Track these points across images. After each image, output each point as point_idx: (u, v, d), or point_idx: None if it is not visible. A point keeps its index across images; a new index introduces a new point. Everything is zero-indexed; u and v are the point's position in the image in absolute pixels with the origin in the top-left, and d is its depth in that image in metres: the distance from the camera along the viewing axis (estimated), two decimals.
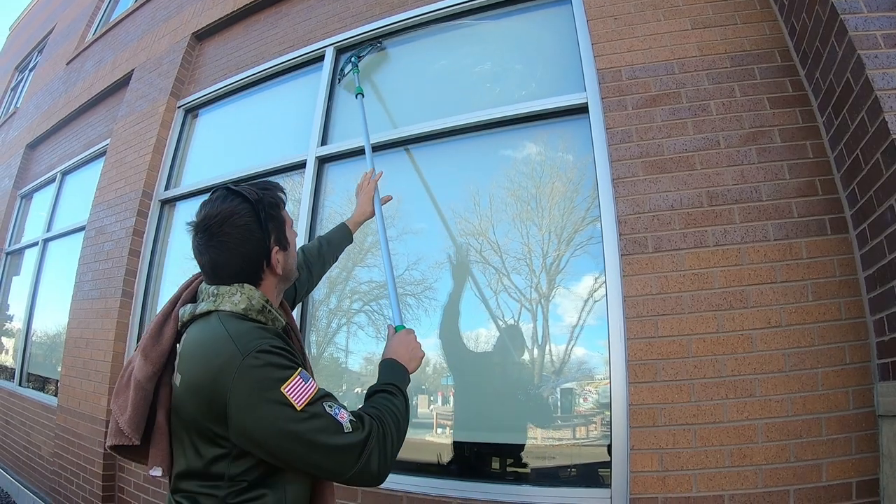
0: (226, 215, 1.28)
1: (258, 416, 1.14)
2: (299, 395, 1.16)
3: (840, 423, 2.01)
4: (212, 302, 1.29)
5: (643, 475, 2.09)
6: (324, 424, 1.17)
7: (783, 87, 2.45)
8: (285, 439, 1.15)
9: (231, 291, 1.30)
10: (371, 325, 3.16)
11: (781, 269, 2.20)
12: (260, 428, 1.14)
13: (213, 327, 1.25)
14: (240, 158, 4.15)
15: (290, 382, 1.16)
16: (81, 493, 4.04)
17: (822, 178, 2.28)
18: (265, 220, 1.33)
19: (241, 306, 1.28)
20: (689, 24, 2.66)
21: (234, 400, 1.14)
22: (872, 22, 2.04)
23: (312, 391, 1.19)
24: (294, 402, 1.14)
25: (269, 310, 1.33)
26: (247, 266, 1.32)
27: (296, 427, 1.14)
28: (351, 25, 3.85)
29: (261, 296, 1.32)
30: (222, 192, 1.34)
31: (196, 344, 1.26)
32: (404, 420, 1.40)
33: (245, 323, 1.26)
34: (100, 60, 6.46)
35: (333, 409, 1.20)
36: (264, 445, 1.16)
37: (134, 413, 1.27)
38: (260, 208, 1.32)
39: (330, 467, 1.19)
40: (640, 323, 2.25)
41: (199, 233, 1.30)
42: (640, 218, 2.38)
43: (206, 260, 1.32)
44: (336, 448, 1.18)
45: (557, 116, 2.90)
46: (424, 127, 3.19)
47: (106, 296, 4.39)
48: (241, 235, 1.29)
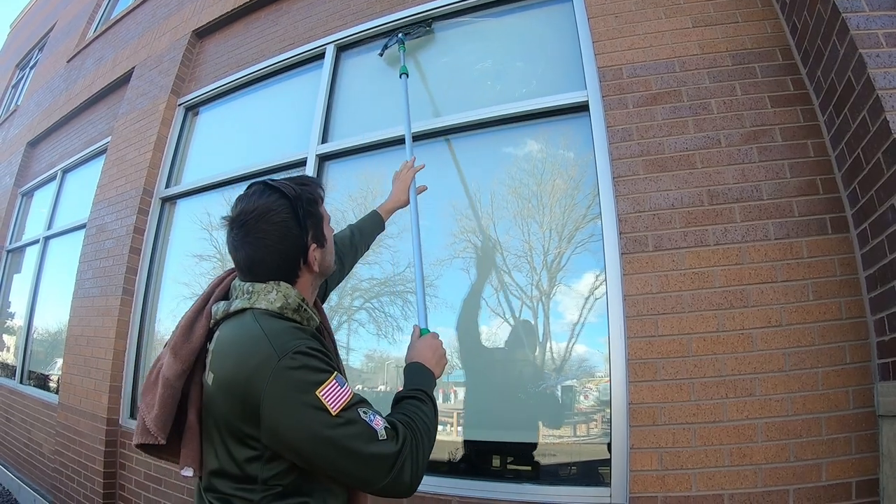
0: (263, 211, 1.25)
1: (292, 420, 1.11)
2: (335, 399, 1.13)
3: (840, 423, 2.01)
4: (246, 299, 1.27)
5: (643, 474, 2.09)
6: (358, 431, 1.14)
7: (784, 86, 2.45)
8: (319, 444, 1.12)
9: (266, 289, 1.27)
10: (372, 323, 3.16)
11: (782, 269, 2.19)
12: (293, 431, 1.11)
13: (248, 326, 1.22)
14: (240, 156, 4.15)
15: (326, 386, 1.13)
16: (82, 490, 4.04)
17: (822, 177, 2.28)
18: (303, 217, 1.30)
19: (276, 304, 1.25)
20: (690, 22, 2.65)
21: (268, 401, 1.11)
22: (874, 21, 2.04)
23: (348, 396, 1.16)
24: (329, 407, 1.12)
25: (304, 308, 1.31)
26: (284, 263, 1.29)
27: (330, 433, 1.11)
28: (352, 23, 3.84)
29: (297, 294, 1.29)
30: (259, 187, 1.31)
31: (230, 342, 1.23)
32: (434, 427, 1.36)
33: (281, 322, 1.23)
34: (100, 58, 6.45)
35: (368, 416, 1.17)
36: (297, 449, 1.13)
37: (161, 411, 1.25)
38: (298, 205, 1.29)
39: (362, 476, 1.16)
40: (640, 322, 2.25)
41: (235, 228, 1.27)
42: (641, 216, 2.38)
43: (241, 256, 1.28)
44: (370, 456, 1.14)
45: (558, 114, 2.90)
46: (425, 125, 3.19)
47: (107, 293, 4.39)
48: (279, 232, 1.26)
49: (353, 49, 3.87)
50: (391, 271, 3.16)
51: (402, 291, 3.10)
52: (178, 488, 3.44)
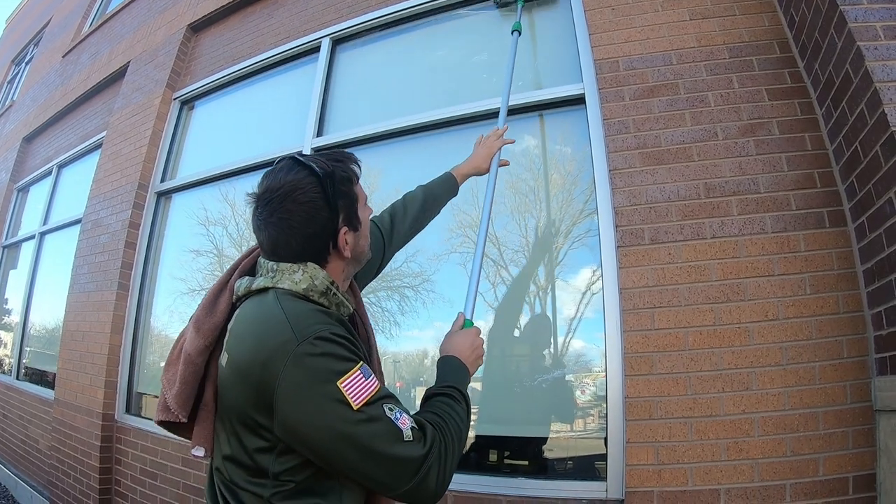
0: (289, 189, 1.15)
1: (308, 411, 1.02)
2: (358, 391, 1.03)
3: (837, 418, 2.00)
4: (270, 278, 1.17)
5: (639, 468, 2.08)
6: (382, 429, 1.04)
7: (782, 79, 2.43)
8: (336, 441, 1.03)
9: (292, 269, 1.17)
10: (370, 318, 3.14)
11: (779, 262, 2.18)
12: (308, 424, 1.02)
13: (268, 306, 1.12)
14: (236, 150, 4.11)
15: (350, 377, 1.03)
16: (79, 486, 4.04)
17: (820, 170, 2.27)
18: (334, 197, 1.18)
19: (301, 286, 1.16)
20: (687, 14, 2.64)
21: (283, 389, 1.02)
22: (872, 13, 2.02)
23: (373, 390, 1.06)
24: (351, 400, 1.02)
25: (333, 292, 1.20)
26: (310, 247, 1.19)
27: (350, 429, 1.02)
28: (347, 16, 3.82)
29: (325, 276, 1.19)
30: (288, 163, 1.20)
31: (248, 321, 1.14)
32: (466, 430, 1.24)
33: (305, 304, 1.14)
34: (96, 53, 6.42)
35: (394, 413, 1.07)
36: (311, 444, 1.04)
37: (182, 388, 1.17)
38: (329, 183, 1.17)
39: (382, 479, 1.06)
40: (636, 315, 2.24)
41: (259, 206, 1.17)
42: (637, 209, 2.36)
43: (264, 237, 1.19)
44: (392, 458, 1.05)
45: (554, 107, 2.89)
46: (421, 118, 3.17)
47: (102, 288, 4.37)
48: (306, 213, 1.15)
49: (348, 42, 3.85)
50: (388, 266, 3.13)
51: (399, 287, 3.09)
52: (174, 483, 3.43)
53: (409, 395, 3.01)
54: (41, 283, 6.19)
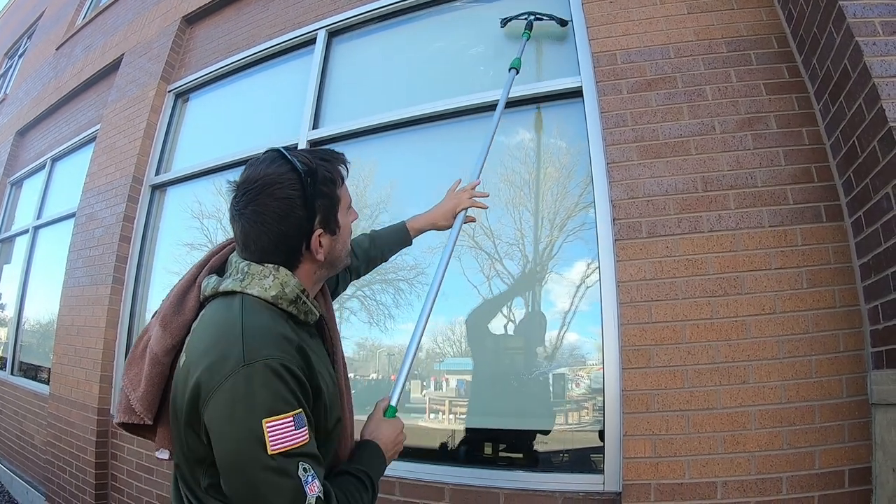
0: (267, 183, 1.10)
1: (225, 434, 0.97)
2: (280, 438, 0.96)
3: (833, 411, 2.01)
4: (239, 281, 1.12)
5: (636, 461, 2.09)
6: (286, 486, 0.96)
7: (780, 73, 2.43)
8: (236, 474, 0.97)
9: (263, 273, 1.12)
10: (364, 311, 3.15)
11: (776, 256, 2.19)
12: (220, 446, 0.98)
13: (231, 314, 1.08)
14: (231, 143, 4.10)
15: (279, 420, 0.96)
16: (75, 481, 4.03)
17: (817, 165, 2.27)
18: (312, 197, 1.12)
19: (271, 293, 1.11)
20: (685, 8, 2.63)
21: (213, 403, 0.98)
22: (871, 9, 2.03)
23: (298, 443, 0.98)
24: (269, 443, 0.94)
25: (303, 301, 1.16)
26: (281, 245, 1.13)
27: (253, 472, 0.95)
28: (343, 7, 3.80)
29: (297, 284, 1.14)
30: (271, 154, 1.16)
31: (208, 326, 1.10)
32: None
33: (269, 319, 1.09)
34: (89, 45, 6.38)
35: (307, 476, 0.98)
36: (218, 466, 1.00)
37: (148, 389, 1.13)
38: (309, 182, 1.12)
39: None
40: (633, 308, 2.24)
41: (237, 195, 1.13)
42: (635, 203, 2.36)
43: (237, 229, 1.15)
44: None
45: (552, 100, 2.88)
46: (417, 110, 3.16)
47: (97, 283, 4.35)
48: (280, 210, 1.10)
49: (344, 34, 3.83)
50: None
51: (393, 280, 3.08)
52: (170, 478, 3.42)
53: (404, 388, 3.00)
54: (35, 278, 6.16)
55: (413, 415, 2.89)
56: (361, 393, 3.15)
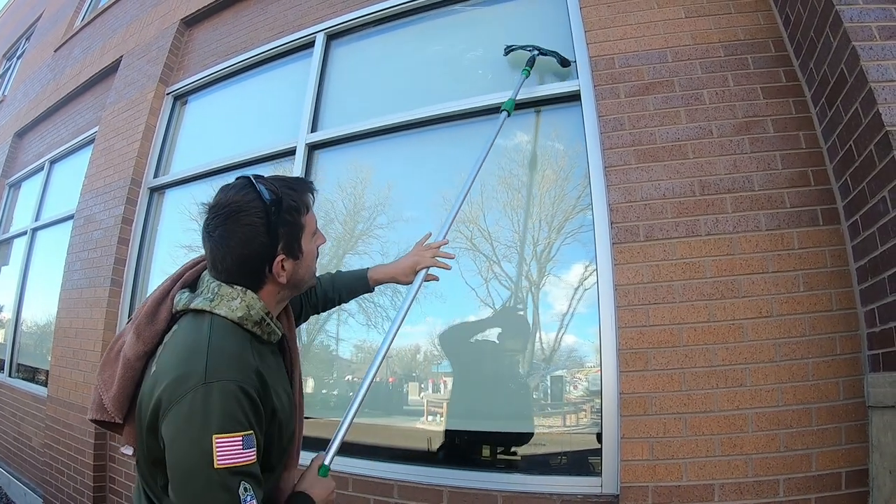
0: (234, 209, 1.18)
1: (177, 443, 1.05)
2: (227, 454, 1.03)
3: (830, 414, 2.02)
4: (209, 301, 1.20)
5: (633, 463, 2.09)
6: (224, 501, 1.03)
7: (777, 78, 2.44)
8: (182, 483, 1.05)
9: (231, 295, 1.20)
10: (362, 313, 3.15)
11: (773, 259, 2.20)
12: (171, 455, 1.06)
13: (200, 334, 1.16)
14: (229, 145, 4.10)
15: (229, 437, 1.04)
16: (72, 483, 4.02)
17: (814, 168, 2.28)
18: (275, 225, 1.21)
19: (237, 314, 1.19)
20: (682, 12, 2.64)
21: (171, 414, 1.06)
22: (868, 13, 2.04)
23: (243, 461, 1.05)
24: (216, 457, 1.02)
25: (267, 323, 1.25)
26: (245, 267, 1.21)
27: (195, 480, 1.03)
28: (342, 11, 3.81)
29: (262, 307, 1.23)
30: (242, 181, 1.23)
31: (179, 342, 1.18)
32: None
33: (234, 342, 1.17)
34: (88, 47, 6.38)
35: (246, 496, 1.05)
36: (168, 468, 1.07)
37: (119, 391, 1.22)
38: (273, 210, 1.20)
39: None
40: (631, 311, 2.25)
41: (208, 218, 1.21)
42: (632, 206, 2.37)
43: (207, 248, 1.23)
44: None
45: (550, 104, 2.89)
46: (415, 114, 3.17)
47: (95, 285, 4.35)
48: (244, 235, 1.18)
49: (343, 37, 3.84)
50: (380, 260, 3.14)
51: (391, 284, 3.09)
52: None
53: (401, 390, 3.01)
54: (33, 280, 6.15)
55: (411, 417, 2.90)
56: None
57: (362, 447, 2.80)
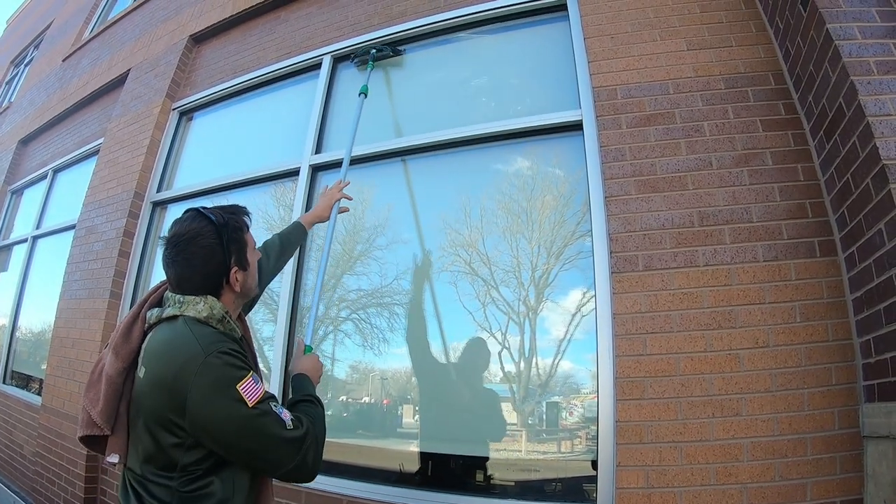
0: (192, 235, 1.43)
1: (215, 409, 1.28)
2: (252, 393, 1.30)
3: (825, 443, 2.02)
4: (178, 307, 1.43)
5: (629, 491, 2.09)
6: (272, 420, 1.32)
7: (776, 110, 2.48)
8: (239, 432, 1.29)
9: (195, 300, 1.43)
10: (358, 334, 3.15)
11: (770, 290, 2.22)
12: (215, 419, 1.28)
13: (179, 329, 1.39)
14: (233, 163, 4.12)
15: (245, 382, 1.31)
16: (63, 494, 3.99)
17: (812, 200, 2.31)
18: (227, 243, 1.47)
19: (203, 314, 1.42)
20: (684, 45, 2.69)
21: (194, 393, 1.27)
22: (866, 48, 2.08)
23: (262, 392, 1.34)
24: (247, 399, 1.29)
25: (227, 320, 1.47)
26: (207, 282, 1.46)
27: (248, 421, 1.29)
28: (349, 35, 3.85)
29: (222, 307, 1.46)
30: (192, 213, 1.49)
31: (163, 342, 1.40)
32: (324, 424, 1.54)
33: (207, 328, 1.41)
34: (96, 59, 6.43)
35: (278, 409, 1.36)
36: (217, 436, 1.30)
37: (105, 405, 1.41)
38: (224, 231, 1.46)
39: (274, 458, 1.34)
40: (628, 340, 2.26)
41: (168, 248, 1.45)
42: (632, 236, 2.39)
43: (171, 273, 1.46)
44: (282, 440, 1.33)
45: (552, 133, 2.91)
46: (418, 139, 3.21)
47: (94, 296, 4.35)
48: (205, 255, 1.44)
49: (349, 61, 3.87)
50: (378, 283, 3.16)
51: (389, 303, 3.10)
52: None
53: (396, 412, 3.01)
54: (32, 288, 6.14)
55: (405, 440, 2.89)
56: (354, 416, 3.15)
57: (355, 468, 2.79)
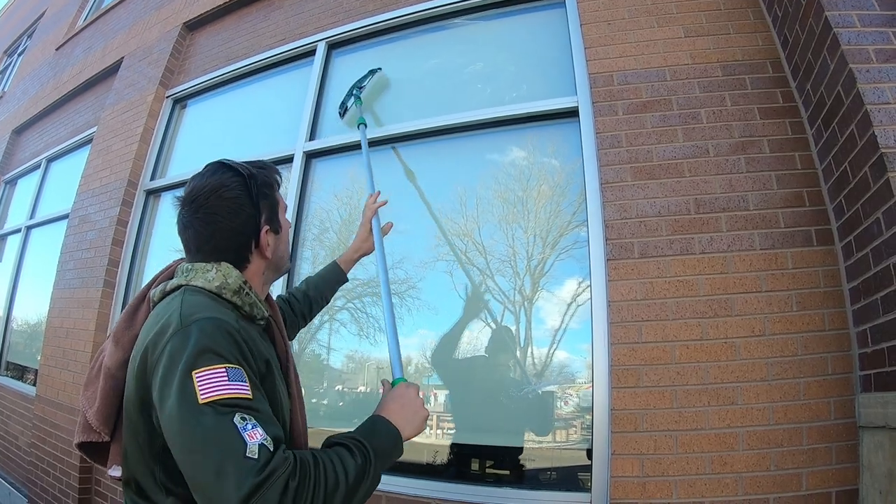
0: (215, 186, 1.19)
1: (162, 393, 0.97)
2: (210, 387, 0.94)
3: (821, 433, 2.02)
4: (184, 277, 1.17)
5: (624, 480, 2.09)
6: (219, 434, 0.92)
7: (774, 98, 2.46)
8: (173, 430, 0.95)
9: (206, 267, 1.17)
10: (354, 323, 3.14)
11: (767, 279, 2.21)
12: (162, 409, 0.97)
13: (172, 300, 1.12)
14: (227, 151, 4.00)
15: (208, 370, 0.96)
16: (58, 484, 3.98)
17: (809, 189, 2.29)
18: (257, 197, 1.23)
19: (214, 283, 1.14)
20: (682, 31, 2.66)
21: (155, 372, 1.00)
22: (865, 36, 2.06)
23: (230, 393, 0.95)
24: (198, 392, 0.93)
25: (246, 292, 1.18)
26: (233, 242, 1.20)
27: (185, 422, 0.93)
28: (343, 21, 3.82)
29: (238, 276, 1.18)
30: (213, 165, 1.25)
31: (151, 318, 1.14)
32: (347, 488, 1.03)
33: (209, 298, 1.12)
34: (89, 47, 6.38)
35: (245, 424, 0.94)
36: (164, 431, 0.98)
37: (103, 404, 1.15)
38: (252, 183, 1.22)
39: (207, 493, 0.91)
40: (624, 328, 2.25)
41: (186, 205, 1.21)
42: (627, 223, 2.38)
43: (190, 235, 1.21)
44: (219, 472, 0.90)
45: (548, 119, 2.90)
46: (413, 125, 3.18)
47: (88, 285, 4.33)
48: (230, 208, 1.18)
49: (344, 47, 3.85)
50: (374, 271, 3.13)
51: None
52: None
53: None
54: (26, 278, 6.12)
55: None
56: (349, 406, 3.14)
57: None
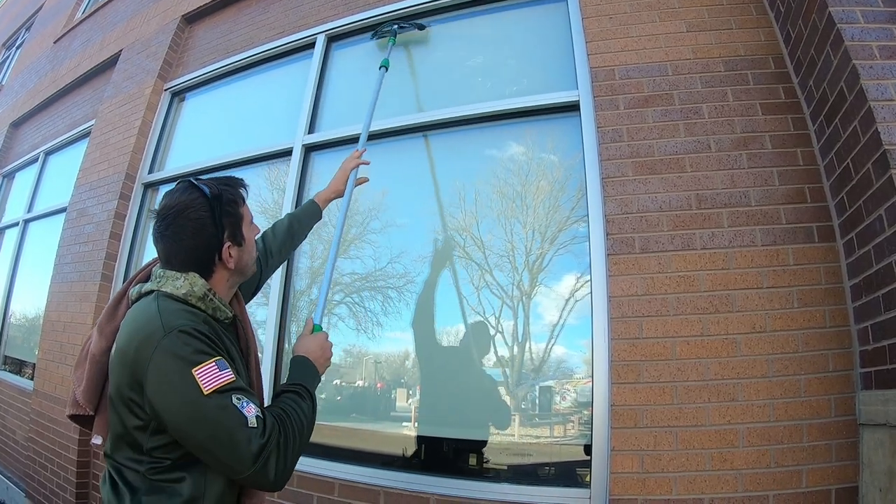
0: (182, 207, 1.34)
1: (167, 394, 1.18)
2: (209, 380, 1.18)
3: (821, 430, 2.02)
4: (156, 283, 1.35)
5: (623, 476, 2.08)
6: (226, 415, 1.18)
7: (776, 94, 2.45)
8: (188, 421, 1.18)
9: (175, 276, 1.34)
10: (352, 317, 3.14)
11: (768, 275, 2.20)
12: (167, 405, 1.18)
13: (148, 304, 1.31)
14: (225, 144, 4.09)
15: (203, 367, 1.19)
16: (56, 479, 3.98)
17: (811, 185, 2.29)
18: (220, 216, 1.37)
19: (181, 291, 1.32)
20: (684, 26, 2.65)
21: (150, 374, 1.19)
22: (869, 33, 2.05)
23: (224, 381, 1.20)
24: (202, 386, 1.17)
25: (210, 298, 1.37)
26: (197, 257, 1.36)
27: (199, 410, 1.17)
28: (343, 13, 3.80)
29: (203, 284, 1.36)
30: (184, 184, 1.39)
31: (130, 318, 1.33)
32: (309, 424, 1.39)
33: (179, 305, 1.31)
34: (88, 40, 6.35)
35: (241, 403, 1.21)
36: (170, 423, 1.19)
37: (88, 385, 1.38)
38: (216, 203, 1.37)
39: (225, 461, 1.20)
40: (624, 323, 2.24)
41: (158, 220, 1.36)
42: (628, 218, 2.37)
43: (160, 248, 1.38)
44: (233, 442, 1.18)
45: (548, 113, 2.88)
46: (413, 118, 3.17)
47: (85, 279, 4.31)
48: (194, 228, 1.34)
49: (343, 40, 3.83)
50: (372, 266, 3.13)
51: (382, 287, 3.07)
52: None
53: (389, 396, 3.00)
54: (23, 272, 6.09)
55: (398, 423, 2.88)
56: (348, 399, 3.14)
57: (348, 451, 2.78)
